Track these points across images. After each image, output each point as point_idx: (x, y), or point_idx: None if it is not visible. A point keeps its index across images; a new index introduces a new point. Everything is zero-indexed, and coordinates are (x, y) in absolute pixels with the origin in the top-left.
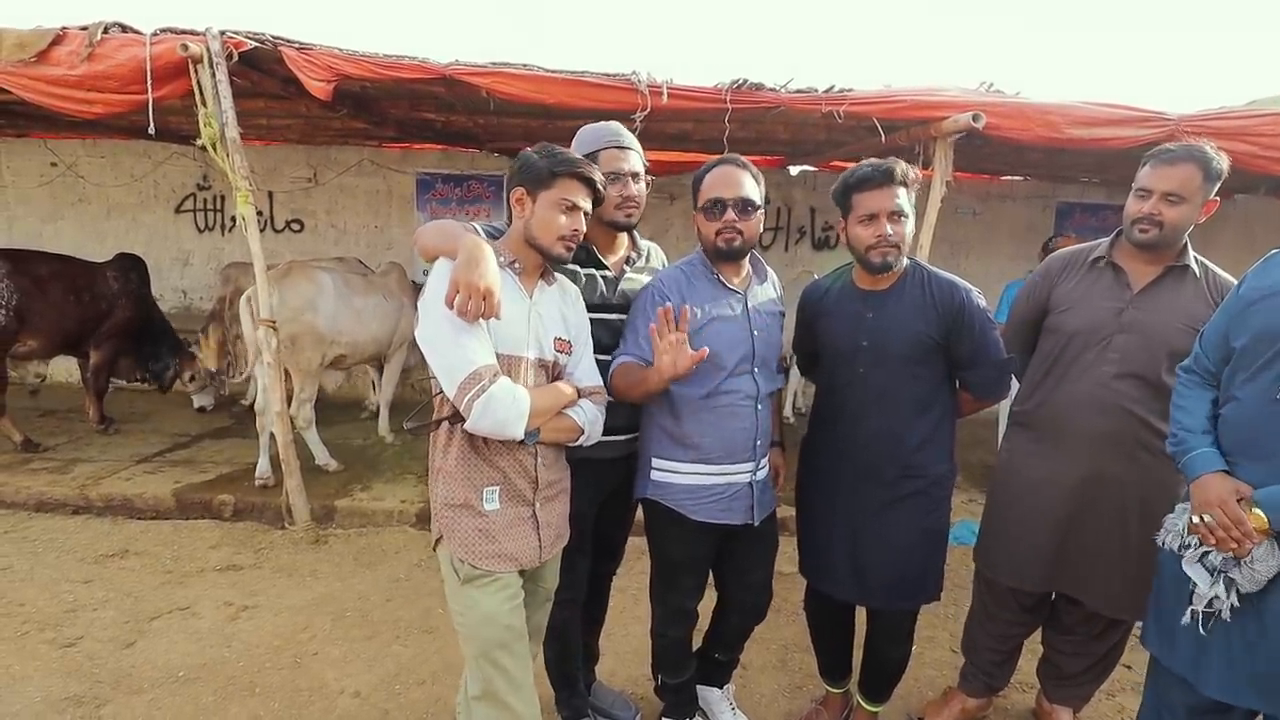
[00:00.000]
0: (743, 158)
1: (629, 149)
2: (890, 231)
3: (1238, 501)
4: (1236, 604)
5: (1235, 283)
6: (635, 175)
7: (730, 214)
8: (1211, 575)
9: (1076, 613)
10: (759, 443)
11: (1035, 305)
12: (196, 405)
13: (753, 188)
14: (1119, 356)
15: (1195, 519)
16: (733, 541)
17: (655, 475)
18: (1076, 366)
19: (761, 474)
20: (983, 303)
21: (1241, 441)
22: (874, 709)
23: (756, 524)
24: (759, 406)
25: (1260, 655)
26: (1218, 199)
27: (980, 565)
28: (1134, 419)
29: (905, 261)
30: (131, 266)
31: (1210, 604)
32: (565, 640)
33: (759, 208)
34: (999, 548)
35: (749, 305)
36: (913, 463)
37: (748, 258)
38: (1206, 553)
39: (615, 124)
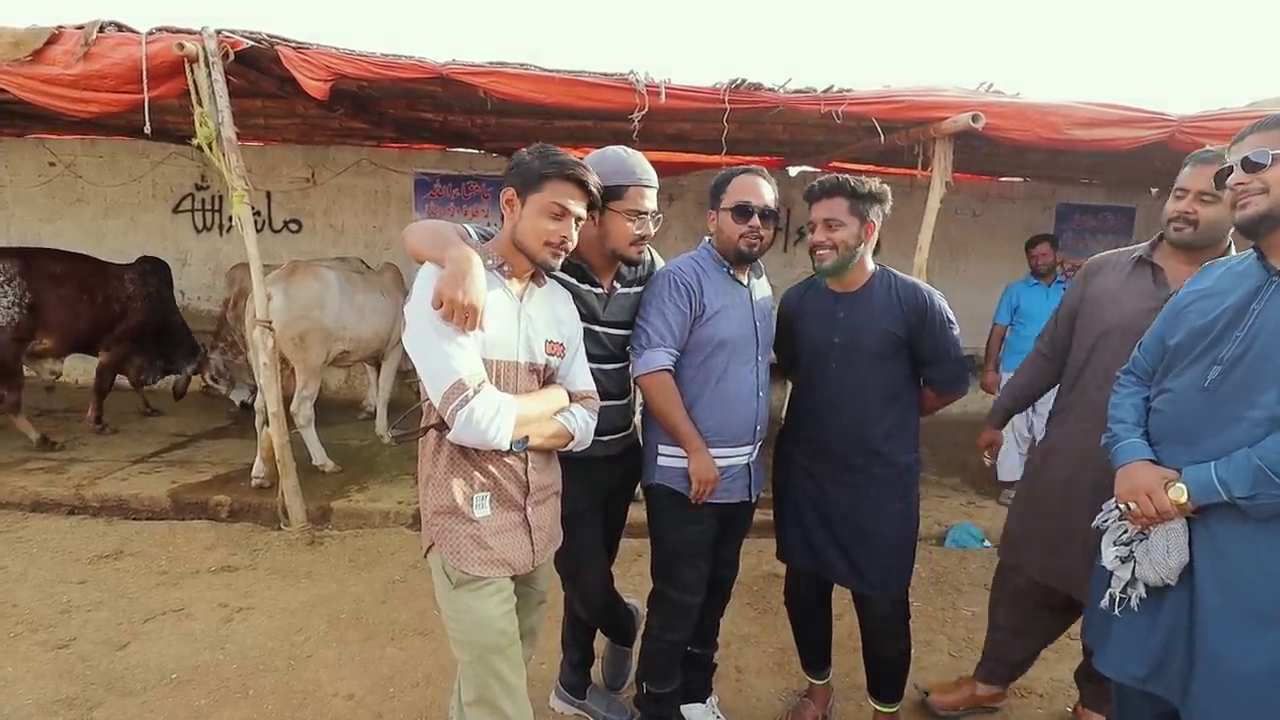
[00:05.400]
0: (765, 169)
1: (653, 187)
2: (822, 238)
3: (1164, 485)
4: (1144, 595)
5: None
6: (654, 214)
7: (756, 220)
8: (1120, 555)
9: None
10: (759, 428)
11: (1069, 306)
12: (237, 401)
13: (773, 199)
14: None
15: (1121, 506)
16: (725, 525)
17: (662, 461)
18: (1117, 363)
19: (757, 455)
20: (944, 304)
21: (1170, 429)
22: (888, 710)
23: (755, 500)
24: (760, 394)
25: (1157, 640)
26: None
27: (1006, 558)
28: None
29: (873, 265)
30: (152, 270)
31: (1125, 590)
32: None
33: (777, 218)
34: (1025, 541)
35: (752, 298)
36: (881, 451)
37: None
38: (1124, 532)
39: (639, 158)
